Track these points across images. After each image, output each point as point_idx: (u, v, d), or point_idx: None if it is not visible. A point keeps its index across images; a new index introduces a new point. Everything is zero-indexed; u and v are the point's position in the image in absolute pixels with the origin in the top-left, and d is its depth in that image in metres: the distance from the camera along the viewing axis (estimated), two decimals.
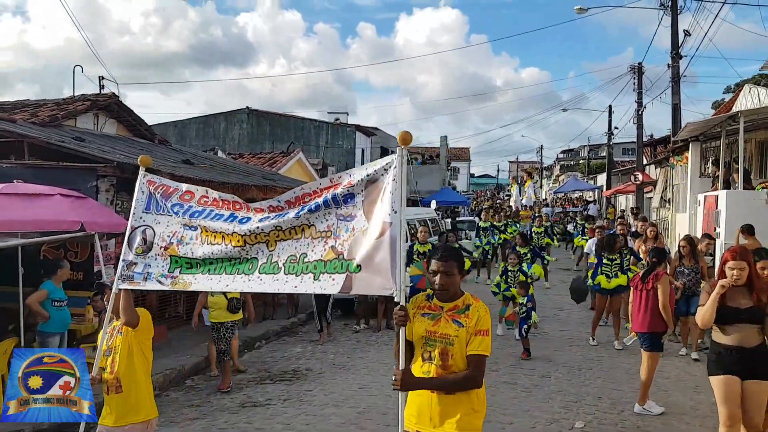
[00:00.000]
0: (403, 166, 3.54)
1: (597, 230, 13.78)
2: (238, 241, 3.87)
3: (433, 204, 21.28)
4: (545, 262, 15.33)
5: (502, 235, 18.12)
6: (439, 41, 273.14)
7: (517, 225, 20.69)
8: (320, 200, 3.71)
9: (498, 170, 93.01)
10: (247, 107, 31.43)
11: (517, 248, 11.85)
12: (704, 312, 4.83)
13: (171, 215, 4.17)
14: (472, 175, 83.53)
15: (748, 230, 10.00)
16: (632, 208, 23.97)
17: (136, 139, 14.15)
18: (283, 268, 3.75)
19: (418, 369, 3.49)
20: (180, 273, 4.04)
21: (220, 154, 18.90)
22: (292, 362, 9.18)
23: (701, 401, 7.05)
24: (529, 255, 11.93)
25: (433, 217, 15.99)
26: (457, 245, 12.69)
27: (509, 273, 10.48)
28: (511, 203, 32.39)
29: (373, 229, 3.57)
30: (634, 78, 24.47)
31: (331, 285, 3.63)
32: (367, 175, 3.65)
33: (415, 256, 10.74)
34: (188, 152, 15.18)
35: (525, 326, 9.13)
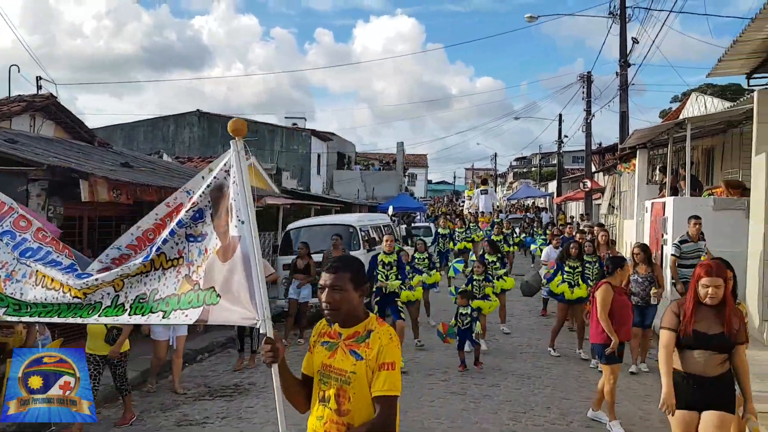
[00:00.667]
0: (241, 162, 2.97)
1: (554, 239, 13.46)
2: (78, 293, 3.15)
3: (390, 210, 21.12)
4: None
5: (464, 243, 18.09)
6: (396, 49, 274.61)
7: (479, 231, 20.59)
8: (166, 233, 3.09)
9: (455, 177, 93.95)
10: (198, 110, 30.79)
11: (486, 256, 11.25)
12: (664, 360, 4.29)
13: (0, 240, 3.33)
14: (429, 182, 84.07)
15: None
16: (581, 214, 24.29)
17: (74, 141, 13.53)
18: (129, 309, 3.11)
19: (314, 414, 2.89)
20: (3, 314, 3.25)
21: (165, 157, 18.31)
22: (235, 376, 8.80)
23: (651, 411, 6.98)
24: (498, 264, 11.29)
25: (388, 223, 15.77)
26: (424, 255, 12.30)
27: (474, 282, 9.97)
28: (466, 210, 32.55)
29: (225, 248, 3.00)
30: (584, 87, 24.83)
31: (183, 319, 3.01)
32: (208, 185, 3.07)
33: (380, 267, 9.43)
34: (129, 155, 14.60)
35: (472, 336, 8.84)
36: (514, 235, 20.08)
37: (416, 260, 11.85)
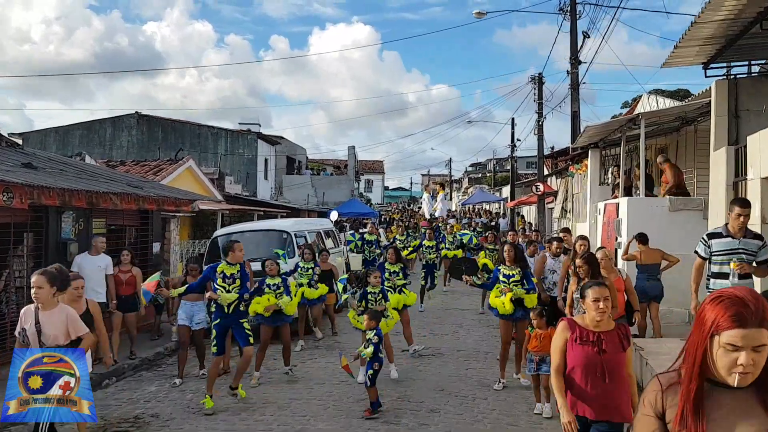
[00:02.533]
0: None
1: (530, 245, 11.22)
2: None
3: (334, 215, 20.08)
4: (434, 283, 14.32)
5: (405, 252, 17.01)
6: (352, 56, 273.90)
7: (416, 237, 19.77)
8: None
9: (411, 183, 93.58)
10: (137, 112, 29.27)
11: (386, 265, 9.61)
12: None
13: None
14: (386, 188, 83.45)
15: (641, 239, 9.52)
16: (528, 223, 23.82)
17: None
18: None
19: None
20: None
21: (87, 159, 16.89)
22: (139, 406, 7.63)
23: None
24: (400, 275, 9.48)
25: (329, 229, 14.73)
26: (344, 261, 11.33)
27: (369, 296, 8.35)
28: (425, 213, 31.80)
29: None
30: (535, 88, 24.31)
31: None
32: None
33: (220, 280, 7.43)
34: (42, 156, 13.23)
35: (370, 370, 6.93)
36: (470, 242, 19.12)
37: (299, 270, 10.72)
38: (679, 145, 14.30)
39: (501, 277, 7.93)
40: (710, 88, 9.80)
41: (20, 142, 27.21)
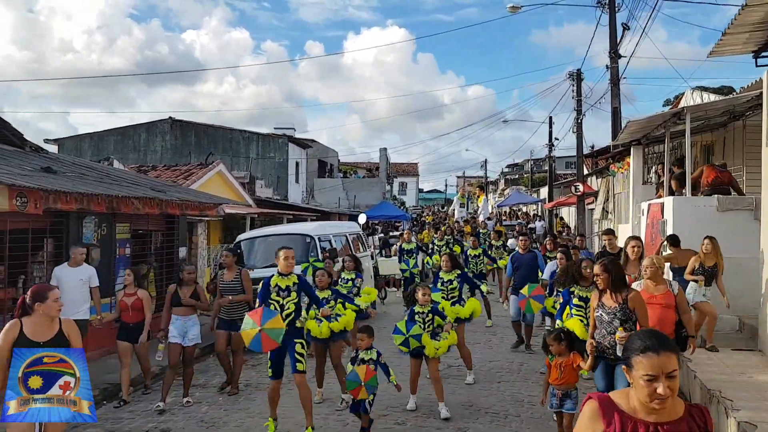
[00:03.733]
0: None
1: (559, 254, 9.58)
2: None
3: (362, 218, 19.62)
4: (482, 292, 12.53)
5: (435, 257, 14.99)
6: (386, 60, 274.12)
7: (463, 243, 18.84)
8: None
9: (446, 185, 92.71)
10: (170, 117, 29.33)
11: (441, 274, 8.59)
12: None
13: None
14: (420, 190, 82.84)
15: (672, 241, 9.03)
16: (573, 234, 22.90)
17: (0, 146, 12.03)
18: None
19: None
20: None
21: (116, 164, 16.83)
22: (152, 419, 7.27)
23: None
24: (455, 283, 8.36)
25: (356, 232, 14.28)
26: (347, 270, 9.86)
27: (416, 317, 7.02)
28: (456, 217, 31.09)
29: None
30: (573, 85, 23.51)
31: None
32: None
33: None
34: (66, 161, 13.10)
35: (371, 396, 6.09)
36: (506, 247, 17.86)
37: (340, 282, 9.26)
38: (726, 142, 13.45)
39: (574, 300, 6.54)
40: (761, 79, 9.05)
41: (56, 148, 27.63)
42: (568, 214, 31.68)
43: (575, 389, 5.84)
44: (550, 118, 33.36)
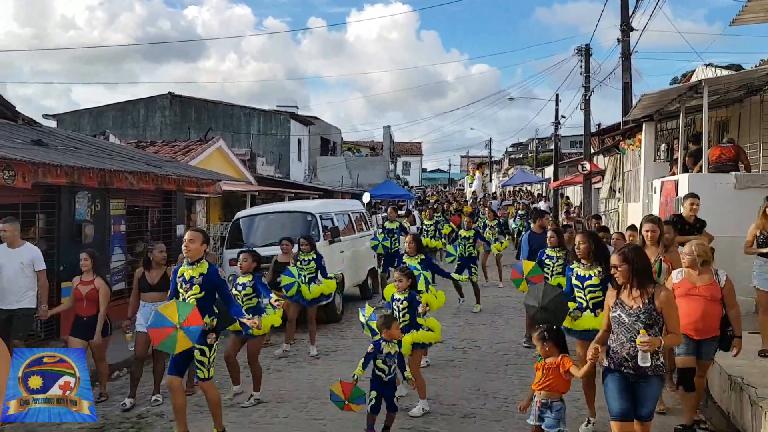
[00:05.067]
0: None
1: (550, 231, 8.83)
2: None
3: (366, 197, 19.22)
4: (471, 275, 11.64)
5: (426, 240, 14.51)
6: (390, 36, 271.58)
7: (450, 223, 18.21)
8: None
9: (450, 165, 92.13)
10: (170, 92, 28.86)
11: (404, 259, 7.91)
12: None
13: None
14: (424, 170, 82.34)
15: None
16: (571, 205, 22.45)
17: None
18: None
19: None
20: None
21: (111, 138, 16.43)
22: (144, 403, 6.95)
23: None
24: (419, 268, 7.58)
25: (359, 211, 13.90)
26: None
27: (394, 302, 6.42)
28: (467, 194, 30.59)
29: None
30: (581, 61, 22.95)
31: None
32: None
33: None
34: (59, 135, 12.72)
35: (393, 394, 5.52)
36: (501, 227, 16.35)
37: (298, 265, 8.91)
38: (741, 118, 13.00)
39: (575, 282, 5.84)
40: None
41: (55, 123, 27.21)
42: (574, 194, 31.25)
43: (560, 400, 4.80)
44: (557, 95, 32.85)
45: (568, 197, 32.20)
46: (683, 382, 5.54)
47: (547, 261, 8.08)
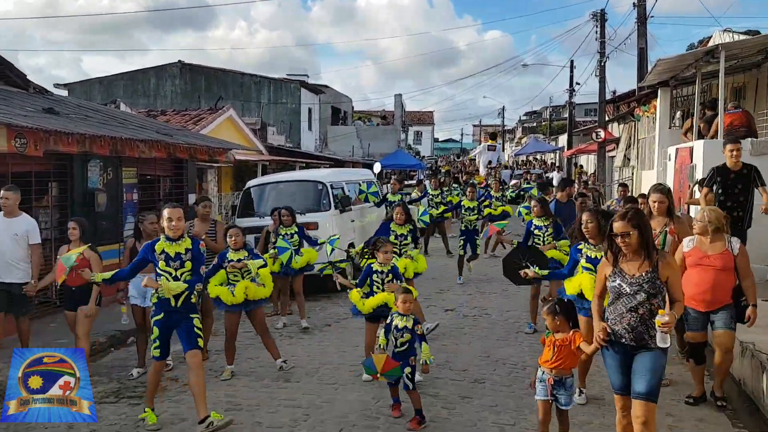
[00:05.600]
0: None
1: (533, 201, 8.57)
2: None
3: (377, 167, 19.15)
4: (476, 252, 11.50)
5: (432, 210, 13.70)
6: (401, 3, 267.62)
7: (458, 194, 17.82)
8: None
9: (462, 134, 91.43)
10: (180, 61, 28.70)
11: (392, 226, 7.80)
12: None
13: None
14: (436, 140, 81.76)
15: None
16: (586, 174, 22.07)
17: (4, 87, 11.64)
18: None
19: None
20: None
21: (122, 107, 16.40)
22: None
23: None
24: (408, 238, 7.68)
25: (371, 180, 13.85)
26: None
27: (374, 276, 6.17)
28: (479, 166, 30.35)
29: None
30: (596, 26, 22.54)
31: None
32: None
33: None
34: (70, 103, 12.72)
35: (408, 369, 5.20)
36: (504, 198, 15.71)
37: (279, 239, 8.73)
38: (759, 84, 12.74)
39: (584, 262, 5.43)
40: None
41: (66, 93, 27.22)
42: (588, 162, 30.97)
43: (571, 376, 4.58)
44: (572, 61, 32.28)
45: (582, 166, 31.92)
46: (693, 355, 5.47)
47: (536, 231, 7.89)
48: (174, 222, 5.16)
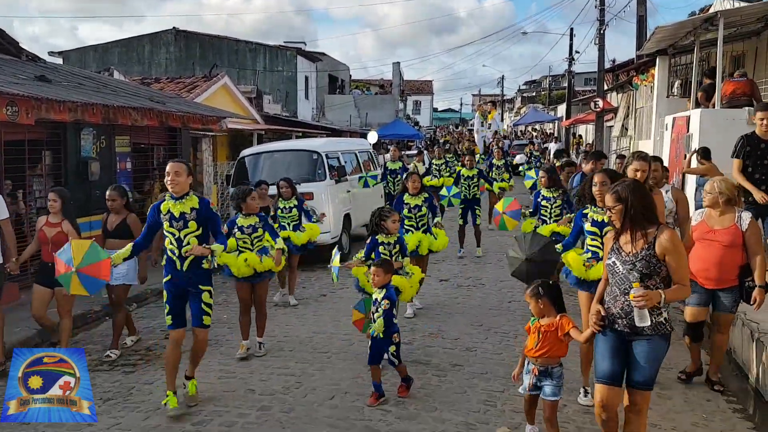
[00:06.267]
0: None
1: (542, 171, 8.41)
2: None
3: (372, 137, 19.00)
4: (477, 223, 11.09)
5: (434, 181, 13.86)
6: None
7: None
8: None
9: (461, 104, 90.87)
10: (174, 27, 28.31)
11: (405, 198, 7.61)
12: None
13: None
14: (435, 110, 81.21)
15: (703, 154, 8.41)
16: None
17: None
18: None
19: None
20: None
21: (116, 75, 16.23)
22: (154, 336, 7.11)
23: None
24: (423, 209, 7.51)
25: (366, 150, 13.78)
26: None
27: (380, 248, 6.04)
28: (475, 136, 30.17)
29: None
30: None
31: None
32: None
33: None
34: (63, 71, 12.57)
35: (392, 346, 5.07)
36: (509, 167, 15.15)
37: (278, 213, 8.36)
38: (759, 52, 12.61)
39: (589, 226, 4.92)
40: None
41: (61, 60, 26.92)
42: (586, 132, 30.83)
43: (559, 365, 4.17)
44: (571, 29, 31.93)
45: (580, 136, 31.78)
46: (690, 332, 5.24)
47: (543, 203, 7.69)
48: (171, 176, 4.87)
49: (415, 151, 21.60)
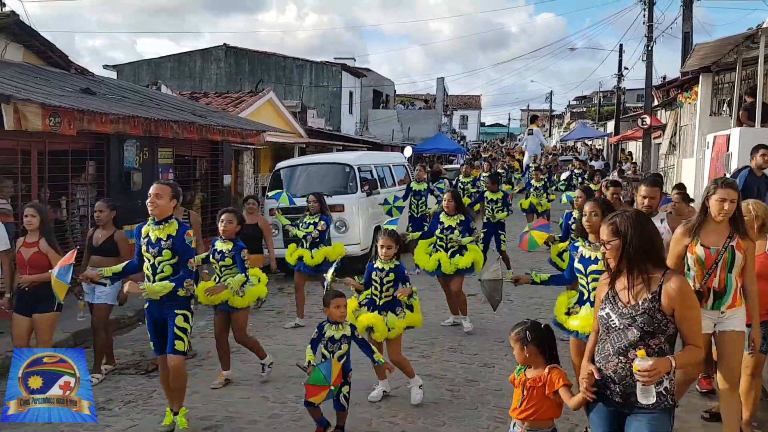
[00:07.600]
0: None
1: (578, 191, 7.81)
2: None
3: (407, 151, 19.06)
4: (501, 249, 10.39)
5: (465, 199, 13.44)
6: None
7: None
8: None
9: (509, 119, 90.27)
10: (225, 44, 29.12)
11: (441, 217, 7.37)
12: None
13: None
14: (482, 124, 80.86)
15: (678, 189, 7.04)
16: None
17: (46, 67, 12.07)
18: None
19: None
20: None
21: (164, 89, 16.79)
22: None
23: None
24: (457, 230, 7.28)
25: (402, 163, 13.86)
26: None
27: (373, 274, 5.38)
28: (524, 150, 29.77)
29: None
30: (645, 10, 21.81)
31: None
32: None
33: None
34: (111, 84, 13.09)
35: (346, 388, 4.58)
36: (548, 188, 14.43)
37: (301, 227, 7.96)
38: None
39: (576, 262, 4.56)
40: None
41: (115, 74, 28.00)
42: (636, 149, 30.19)
43: (552, 428, 3.40)
44: (621, 45, 31.45)
45: (630, 153, 31.07)
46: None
47: (573, 226, 7.04)
48: (151, 198, 4.60)
49: (457, 166, 21.56)
